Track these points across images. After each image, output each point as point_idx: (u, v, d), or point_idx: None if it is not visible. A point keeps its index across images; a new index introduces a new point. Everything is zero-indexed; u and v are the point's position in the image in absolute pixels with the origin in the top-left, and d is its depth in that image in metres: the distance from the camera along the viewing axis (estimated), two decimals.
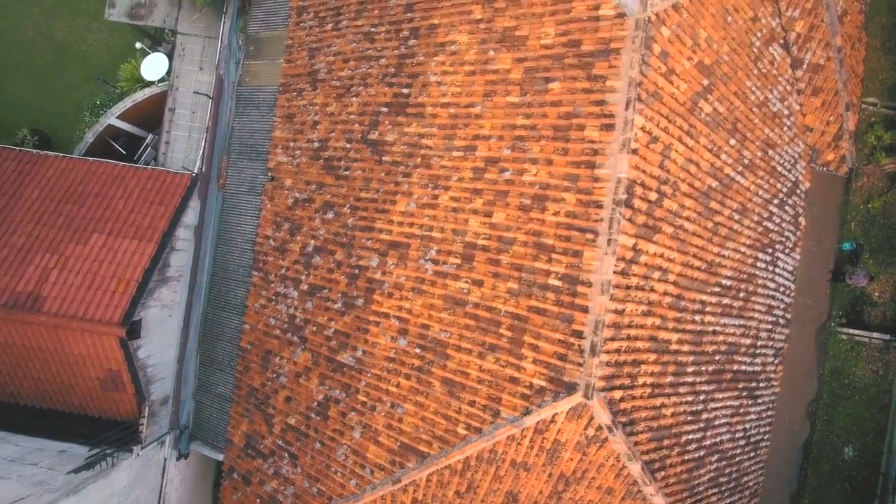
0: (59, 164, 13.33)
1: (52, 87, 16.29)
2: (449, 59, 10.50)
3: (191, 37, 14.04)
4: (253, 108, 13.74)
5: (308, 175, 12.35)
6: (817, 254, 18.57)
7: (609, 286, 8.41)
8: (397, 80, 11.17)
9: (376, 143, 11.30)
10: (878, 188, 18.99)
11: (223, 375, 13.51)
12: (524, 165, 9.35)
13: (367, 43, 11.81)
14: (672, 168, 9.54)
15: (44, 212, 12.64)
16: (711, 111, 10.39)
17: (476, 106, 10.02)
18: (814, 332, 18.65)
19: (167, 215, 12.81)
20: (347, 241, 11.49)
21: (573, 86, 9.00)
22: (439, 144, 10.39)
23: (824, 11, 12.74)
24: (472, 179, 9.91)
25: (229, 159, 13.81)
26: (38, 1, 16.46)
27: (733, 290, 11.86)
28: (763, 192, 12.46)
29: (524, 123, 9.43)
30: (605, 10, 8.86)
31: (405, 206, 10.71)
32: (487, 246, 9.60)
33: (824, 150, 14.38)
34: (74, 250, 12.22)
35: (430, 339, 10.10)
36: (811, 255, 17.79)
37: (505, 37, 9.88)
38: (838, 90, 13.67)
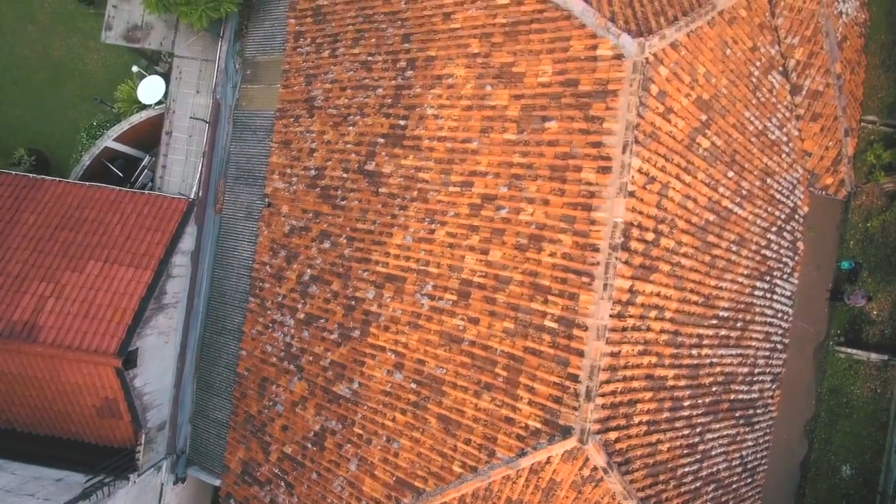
0: (55, 188, 13.29)
1: (49, 106, 16.23)
2: (446, 93, 10.45)
3: (187, 60, 13.97)
4: (250, 133, 13.68)
5: (305, 203, 12.31)
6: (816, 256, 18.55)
7: (605, 331, 8.38)
8: (394, 111, 11.13)
9: (373, 174, 11.25)
10: (877, 207, 18.96)
11: (220, 400, 13.49)
12: (521, 204, 9.31)
13: (364, 72, 11.76)
14: (669, 206, 9.50)
15: (40, 238, 12.60)
16: (709, 146, 10.35)
17: (473, 141, 9.98)
18: (812, 350, 18.64)
19: (163, 242, 12.77)
20: (344, 272, 11.46)
21: (570, 126, 8.96)
22: (436, 179, 10.34)
23: (824, 39, 12.69)
24: (468, 216, 9.87)
25: (226, 184, 13.76)
26: (34, 19, 16.38)
27: (731, 321, 11.83)
28: (761, 221, 12.42)
29: (521, 162, 9.39)
30: (603, 51, 8.81)
31: (401, 239, 10.68)
32: (484, 284, 9.57)
33: (823, 174, 14.33)
34: (71, 278, 12.19)
35: (426, 374, 10.08)
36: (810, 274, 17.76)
37: (502, 72, 9.83)
38: (837, 116, 13.62)
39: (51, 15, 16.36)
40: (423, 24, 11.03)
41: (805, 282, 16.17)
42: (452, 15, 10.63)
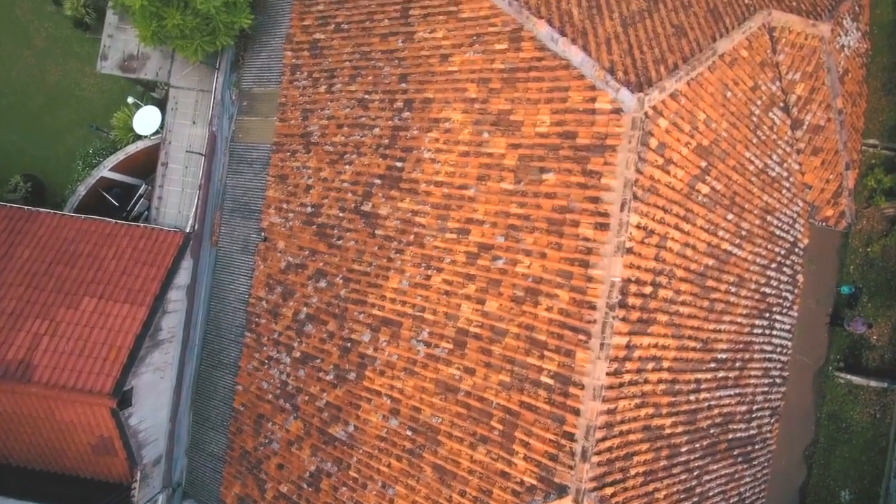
0: (50, 221, 13.20)
1: (45, 131, 16.13)
2: (443, 137, 10.35)
3: (184, 90, 13.86)
4: (246, 166, 13.58)
5: (301, 240, 12.22)
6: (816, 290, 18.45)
7: (601, 391, 8.30)
8: (391, 152, 11.03)
9: (369, 215, 11.16)
10: (878, 231, 18.86)
11: (216, 434, 13.44)
12: (517, 256, 9.22)
13: (361, 110, 11.65)
14: (668, 257, 9.41)
15: (35, 273, 12.52)
16: (709, 191, 10.25)
17: (470, 188, 9.88)
18: (811, 376, 18.58)
19: (159, 277, 12.69)
20: (340, 313, 11.38)
21: (568, 179, 8.86)
22: (432, 224, 10.25)
23: (825, 74, 12.56)
24: (464, 264, 9.79)
25: (222, 216, 13.67)
26: (31, 44, 16.26)
27: (729, 362, 11.75)
28: (761, 259, 12.33)
29: (518, 212, 9.30)
30: (602, 104, 8.70)
31: (397, 283, 10.60)
32: (480, 334, 9.49)
33: (823, 206, 14.22)
34: (66, 315, 12.12)
35: (422, 422, 10.01)
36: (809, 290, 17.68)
37: (499, 120, 9.72)
38: (839, 150, 13.50)
39: (47, 40, 16.24)
40: (420, 64, 10.92)
41: (805, 307, 16.08)
42: (450, 57, 10.52)
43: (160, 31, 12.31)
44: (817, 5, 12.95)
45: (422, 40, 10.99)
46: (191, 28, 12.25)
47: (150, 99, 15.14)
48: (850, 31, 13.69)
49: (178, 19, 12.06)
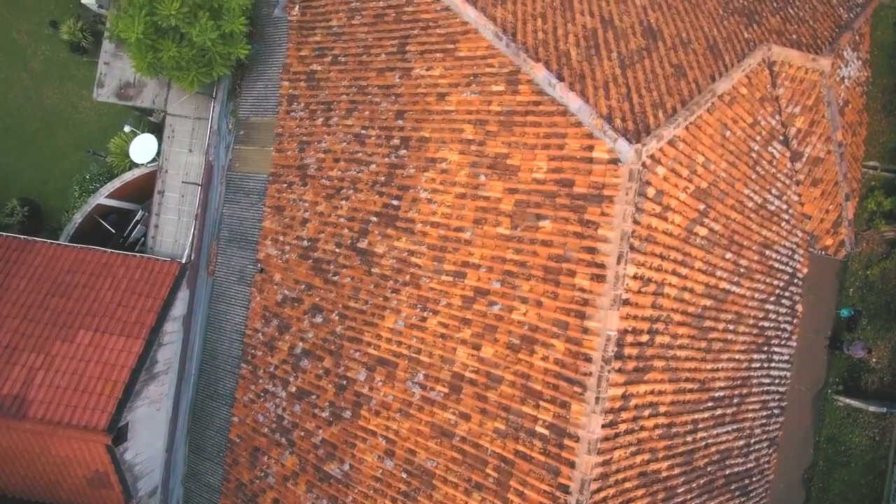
0: (46, 251, 13.15)
1: (42, 155, 16.06)
2: (439, 177, 10.28)
3: (180, 118, 13.79)
4: (242, 196, 13.52)
5: (297, 274, 12.16)
6: (815, 320, 18.39)
7: (596, 443, 8.25)
8: (387, 189, 10.96)
9: (365, 252, 11.10)
10: (877, 254, 18.80)
11: (212, 465, 13.40)
12: (513, 303, 9.16)
13: (358, 145, 11.58)
14: (665, 303, 9.35)
15: (30, 305, 12.47)
16: (707, 233, 10.18)
17: (466, 231, 9.82)
18: (810, 399, 18.53)
19: (155, 309, 12.64)
20: (335, 350, 11.33)
21: (564, 227, 8.79)
22: (428, 265, 10.19)
23: (825, 108, 12.47)
24: (460, 308, 9.72)
25: (218, 246, 13.62)
26: (28, 67, 16.18)
27: (727, 399, 11.70)
28: (759, 294, 12.26)
29: (514, 258, 9.23)
30: (599, 153, 8.63)
31: (393, 323, 10.54)
32: (475, 380, 9.43)
33: (823, 235, 14.14)
34: (61, 349, 12.08)
35: (417, 465, 9.97)
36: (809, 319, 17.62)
37: (496, 163, 9.65)
38: (838, 181, 13.41)
39: (44, 63, 16.16)
40: (416, 102, 10.85)
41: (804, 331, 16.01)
42: (447, 96, 10.45)
43: (156, 63, 12.24)
44: (818, 37, 12.87)
45: (419, 77, 10.92)
46: (187, 60, 12.18)
47: (147, 124, 15.08)
48: (850, 61, 13.61)
49: (174, 51, 11.99)
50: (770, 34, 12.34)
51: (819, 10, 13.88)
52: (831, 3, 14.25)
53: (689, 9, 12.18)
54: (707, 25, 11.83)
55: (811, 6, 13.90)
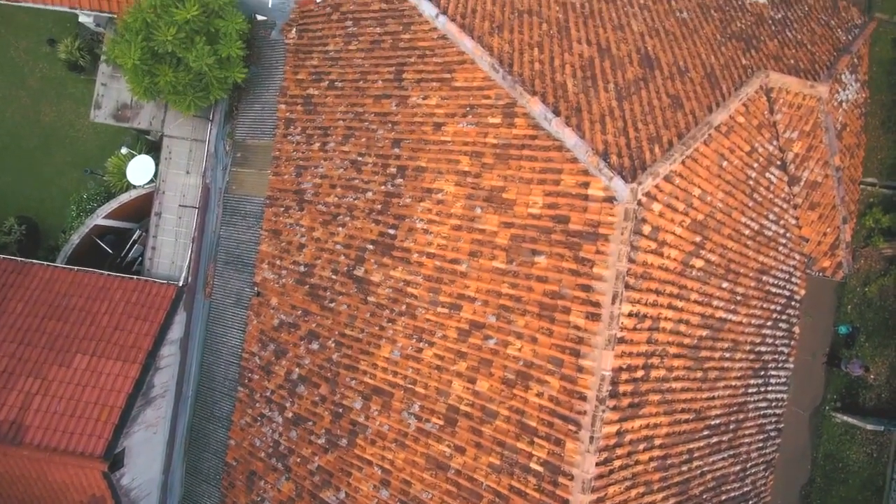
0: (43, 273, 13.15)
1: (40, 173, 16.05)
2: (435, 208, 10.27)
3: (177, 140, 13.78)
4: (239, 218, 13.51)
5: (294, 299, 12.16)
6: (813, 338, 18.39)
7: (590, 482, 8.25)
8: (383, 218, 10.95)
9: (362, 280, 11.10)
10: (876, 271, 18.79)
11: (209, 487, 13.42)
12: (509, 338, 9.15)
13: (354, 172, 11.57)
14: (661, 337, 9.35)
15: (27, 329, 12.48)
16: (704, 264, 10.17)
17: (462, 263, 9.81)
18: (808, 416, 18.53)
19: (152, 333, 12.64)
20: (332, 377, 11.33)
21: (560, 264, 8.78)
22: (424, 296, 10.18)
23: (823, 133, 12.45)
24: (456, 340, 9.72)
25: (215, 268, 13.62)
26: (25, 84, 16.16)
27: (723, 426, 11.70)
28: (756, 320, 12.25)
29: (510, 293, 9.23)
30: (594, 191, 8.62)
31: (389, 353, 10.54)
32: (471, 413, 9.43)
33: (820, 257, 14.13)
34: (58, 373, 12.08)
35: (412, 496, 9.97)
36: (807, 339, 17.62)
37: (492, 196, 9.64)
38: (836, 205, 13.39)
39: (41, 80, 16.15)
40: (413, 130, 10.83)
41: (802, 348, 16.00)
42: (443, 126, 10.43)
43: (153, 87, 12.23)
44: (816, 62, 12.85)
45: (415, 106, 10.90)
46: (184, 84, 12.16)
47: (144, 143, 15.06)
48: (848, 84, 13.58)
49: (170, 76, 11.98)
50: (768, 59, 12.32)
51: (817, 32, 13.85)
52: (829, 26, 14.23)
53: (687, 34, 12.16)
54: (705, 52, 11.81)
55: (809, 29, 13.88)
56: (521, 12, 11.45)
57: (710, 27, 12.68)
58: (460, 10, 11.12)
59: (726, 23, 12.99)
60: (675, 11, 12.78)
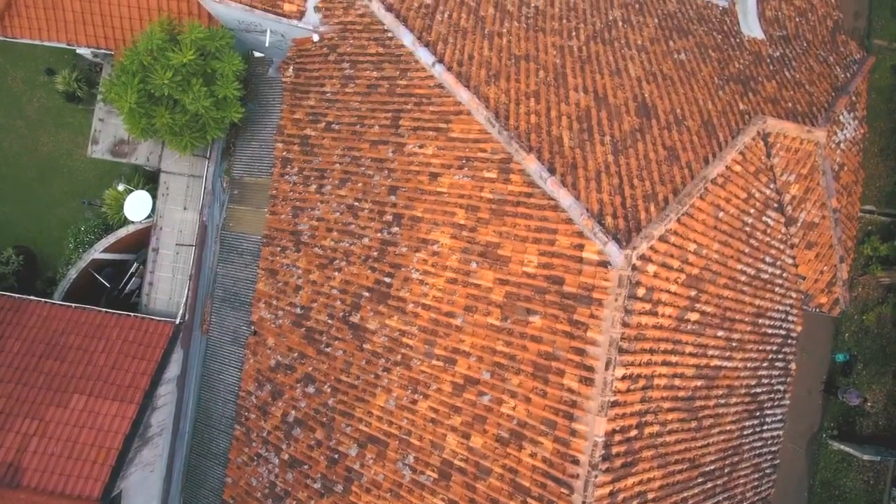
0: (40, 311, 13.18)
1: (37, 202, 16.06)
2: (431, 259, 10.27)
3: (174, 175, 13.79)
4: (237, 256, 13.53)
5: (290, 340, 12.18)
6: (810, 366, 18.42)
7: None
8: (379, 265, 10.96)
9: (357, 327, 11.12)
10: (873, 299, 18.82)
11: None
12: (503, 396, 9.18)
13: (351, 217, 11.57)
14: (655, 394, 9.37)
15: (24, 369, 12.51)
16: (699, 317, 10.18)
17: (457, 317, 9.82)
18: (805, 443, 18.57)
19: (149, 372, 12.67)
20: (327, 422, 11.36)
21: (554, 325, 8.80)
22: (419, 347, 10.21)
23: (821, 176, 12.44)
24: (451, 394, 9.75)
25: (213, 304, 13.64)
26: (23, 114, 16.16)
27: (717, 471, 11.72)
28: (752, 363, 12.26)
29: (504, 351, 9.24)
30: (589, 254, 8.62)
31: (384, 402, 10.56)
32: (465, 469, 9.46)
33: (817, 294, 14.11)
34: (55, 414, 12.12)
35: None
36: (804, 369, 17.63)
37: (487, 252, 9.64)
38: (833, 244, 13.38)
39: (39, 110, 16.14)
40: (409, 179, 10.83)
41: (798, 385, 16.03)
42: (439, 177, 10.43)
43: (149, 128, 12.23)
44: (814, 104, 12.83)
45: (411, 154, 10.89)
46: (180, 125, 12.16)
47: (142, 175, 15.06)
48: (846, 124, 13.55)
49: (167, 118, 11.97)
50: (766, 103, 12.30)
51: (815, 70, 13.82)
52: (828, 63, 14.19)
53: (685, 78, 12.14)
54: (702, 97, 11.79)
55: (807, 66, 13.84)
56: (518, 58, 11.43)
57: (708, 69, 12.65)
58: (457, 56, 11.09)
59: (724, 63, 12.96)
60: (673, 52, 12.75)
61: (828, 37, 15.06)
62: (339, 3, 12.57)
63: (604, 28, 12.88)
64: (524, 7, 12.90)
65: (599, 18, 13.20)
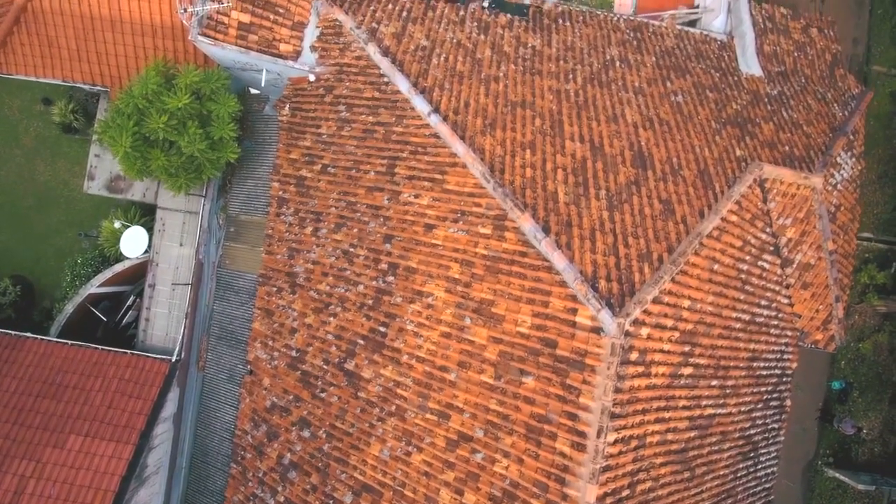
0: (37, 348, 13.21)
1: (35, 232, 16.06)
2: (425, 312, 10.28)
3: (170, 212, 13.78)
4: (233, 294, 13.54)
5: (286, 383, 12.21)
6: (805, 395, 18.46)
7: None
8: (374, 314, 10.97)
9: (353, 374, 11.14)
10: (870, 327, 18.83)
11: None
12: (496, 455, 9.20)
13: (346, 262, 11.57)
14: (647, 452, 9.40)
15: (21, 409, 12.55)
16: (692, 370, 10.20)
17: (451, 372, 9.84)
18: (801, 469, 18.64)
19: (145, 411, 12.71)
20: (322, 468, 11.40)
21: (547, 388, 8.82)
22: (414, 399, 10.23)
23: (817, 220, 12.42)
24: (444, 449, 9.78)
25: (209, 341, 13.66)
26: (20, 143, 16.13)
27: None
28: (746, 406, 12.30)
29: (497, 410, 9.27)
30: (582, 319, 8.63)
31: (379, 452, 10.60)
32: None
33: (813, 331, 14.13)
34: (52, 455, 12.16)
35: None
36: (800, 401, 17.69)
37: (481, 308, 9.65)
38: (829, 285, 13.38)
39: (36, 139, 16.12)
40: (405, 228, 10.82)
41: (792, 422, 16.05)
42: (434, 229, 10.42)
43: (145, 169, 12.22)
44: (811, 146, 12.80)
45: (407, 203, 10.88)
46: (176, 167, 12.14)
47: (138, 206, 15.02)
48: (844, 164, 13.52)
49: (162, 160, 11.96)
50: (763, 147, 12.27)
51: (813, 109, 13.77)
52: (826, 100, 14.15)
53: (682, 123, 12.11)
54: (699, 143, 11.76)
55: (805, 105, 13.80)
56: (514, 104, 11.40)
57: (706, 111, 12.61)
58: (453, 104, 11.07)
59: (722, 105, 12.92)
60: (671, 94, 12.71)
61: (826, 71, 15.00)
62: (334, 44, 12.53)
63: (601, 69, 12.83)
64: (521, 48, 12.86)
65: (597, 58, 13.15)
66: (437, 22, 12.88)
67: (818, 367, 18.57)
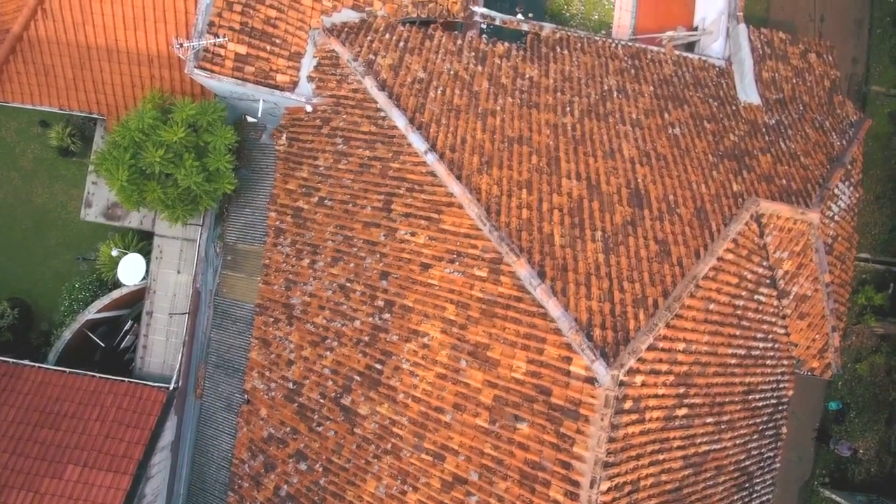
0: (35, 377, 13.24)
1: (32, 255, 16.07)
2: (421, 352, 10.30)
3: (168, 239, 13.78)
4: (230, 322, 13.56)
5: (283, 414, 12.24)
6: (802, 417, 18.50)
7: None
8: (371, 351, 10.99)
9: (349, 410, 11.17)
10: (867, 348, 18.86)
11: None
12: (490, 499, 9.24)
13: (342, 296, 11.58)
14: (641, 496, 9.43)
15: (19, 438, 12.59)
16: (687, 411, 10.23)
17: (446, 414, 9.87)
18: (797, 490, 18.72)
19: (143, 441, 12.75)
20: (319, 502, 11.45)
21: (542, 435, 8.85)
22: (409, 439, 10.27)
23: (814, 253, 12.42)
24: (439, 490, 9.82)
25: (206, 369, 13.69)
26: (17, 166, 16.12)
27: None
28: (741, 439, 12.33)
29: (492, 454, 9.30)
30: (576, 368, 8.65)
31: (374, 489, 10.64)
32: None
33: (809, 359, 14.15)
34: (49, 486, 12.21)
35: None
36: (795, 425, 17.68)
37: (477, 352, 9.67)
38: (825, 315, 13.39)
39: (33, 161, 16.10)
40: (401, 266, 10.82)
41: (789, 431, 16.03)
42: (430, 268, 10.42)
43: (142, 201, 12.22)
44: (809, 179, 12.79)
45: (403, 241, 10.88)
46: (172, 199, 12.14)
47: (135, 232, 15.01)
48: (841, 195, 13.50)
49: (159, 193, 11.96)
50: (760, 181, 12.26)
51: (812, 139, 13.75)
52: (824, 129, 14.11)
53: (679, 157, 12.09)
54: (696, 179, 11.74)
55: (803, 135, 13.77)
56: (511, 140, 11.39)
57: (703, 143, 12.60)
58: (449, 141, 11.06)
59: (719, 137, 12.90)
60: (668, 126, 12.69)
61: (825, 98, 14.96)
62: (332, 75, 12.50)
63: (598, 100, 12.81)
64: (518, 79, 12.83)
65: (594, 88, 13.13)
66: (434, 52, 12.84)
67: (815, 388, 18.61)
